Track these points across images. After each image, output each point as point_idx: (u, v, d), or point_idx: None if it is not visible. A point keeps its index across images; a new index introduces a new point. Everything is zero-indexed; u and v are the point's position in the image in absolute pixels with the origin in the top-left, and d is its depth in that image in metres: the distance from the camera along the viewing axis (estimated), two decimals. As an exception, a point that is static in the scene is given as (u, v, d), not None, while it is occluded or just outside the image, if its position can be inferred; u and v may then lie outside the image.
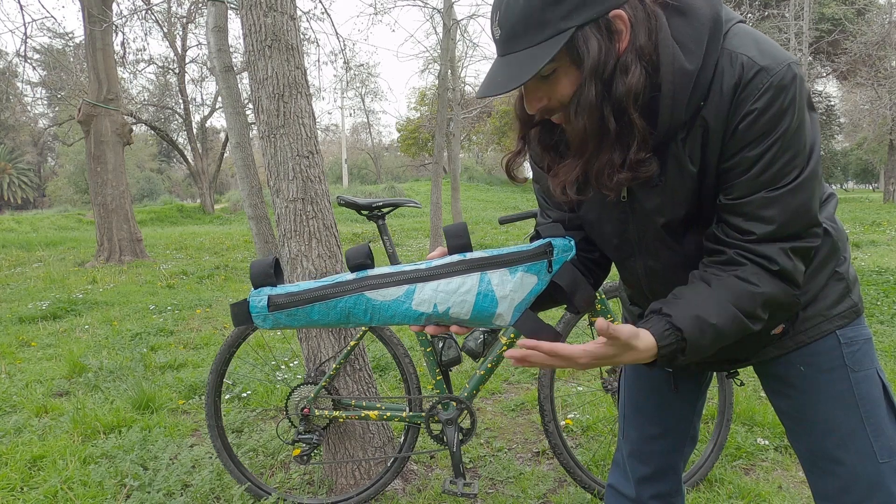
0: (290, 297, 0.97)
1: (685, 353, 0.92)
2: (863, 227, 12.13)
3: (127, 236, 10.32)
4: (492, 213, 20.16)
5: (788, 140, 0.88)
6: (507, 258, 0.96)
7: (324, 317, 0.97)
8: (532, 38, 0.87)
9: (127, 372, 3.86)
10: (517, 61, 0.88)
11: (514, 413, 3.09)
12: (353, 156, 43.83)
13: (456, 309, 0.95)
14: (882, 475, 1.02)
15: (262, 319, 0.99)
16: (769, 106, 0.86)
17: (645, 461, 1.29)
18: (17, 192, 43.39)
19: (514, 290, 0.95)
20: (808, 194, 0.90)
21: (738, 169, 0.90)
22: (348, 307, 0.96)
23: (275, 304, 0.97)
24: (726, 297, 0.92)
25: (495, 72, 0.91)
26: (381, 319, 0.97)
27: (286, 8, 2.24)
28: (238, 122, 4.97)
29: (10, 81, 19.24)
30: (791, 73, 0.86)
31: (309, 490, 2.37)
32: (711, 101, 0.89)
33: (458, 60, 16.82)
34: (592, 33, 0.85)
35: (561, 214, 1.15)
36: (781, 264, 0.91)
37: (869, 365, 1.06)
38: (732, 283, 0.92)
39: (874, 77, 18.79)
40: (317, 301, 0.97)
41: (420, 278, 0.95)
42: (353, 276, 0.97)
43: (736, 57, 0.88)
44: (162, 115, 27.40)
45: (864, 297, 5.07)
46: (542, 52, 0.86)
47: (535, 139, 1.03)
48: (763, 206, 0.90)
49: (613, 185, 0.93)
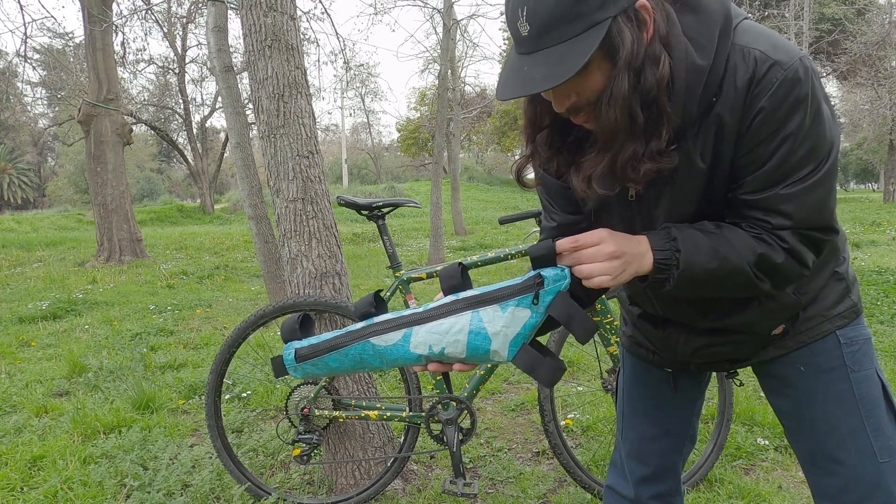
0: (311, 348, 1.10)
1: (679, 267, 0.93)
2: (863, 227, 12.13)
3: (127, 236, 10.32)
4: (492, 213, 20.16)
5: (805, 133, 0.88)
6: (497, 294, 0.96)
7: (341, 364, 1.08)
8: (566, 32, 0.83)
9: (127, 372, 3.86)
10: (552, 58, 0.84)
11: (514, 413, 3.09)
12: (353, 156, 43.83)
13: (451, 349, 0.97)
14: (882, 475, 1.02)
15: (294, 370, 1.13)
16: (784, 100, 0.86)
17: (644, 461, 1.29)
18: (17, 192, 43.38)
19: (505, 325, 0.95)
20: (826, 190, 0.90)
21: (754, 164, 0.90)
22: (359, 353, 1.05)
23: (300, 357, 1.11)
24: (731, 237, 0.93)
25: (525, 69, 0.87)
26: (391, 363, 1.03)
27: (286, 8, 2.24)
28: (238, 122, 4.97)
29: (10, 81, 19.24)
30: (804, 66, 0.87)
31: (309, 490, 2.37)
32: (726, 97, 0.89)
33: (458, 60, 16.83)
34: (625, 24, 0.84)
35: (565, 217, 1.14)
36: (792, 244, 0.92)
37: (869, 365, 1.06)
38: (741, 233, 0.94)
39: (874, 77, 18.78)
40: (331, 350, 1.07)
41: (415, 321, 0.99)
42: (362, 325, 1.05)
43: (749, 52, 0.88)
44: (162, 115, 27.40)
45: (864, 297, 5.07)
46: (581, 46, 0.83)
47: (544, 143, 1.02)
48: (781, 202, 0.90)
49: (640, 177, 0.91)
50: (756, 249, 0.92)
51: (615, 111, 0.86)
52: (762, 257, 0.92)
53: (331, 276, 2.30)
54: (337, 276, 2.32)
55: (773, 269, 0.93)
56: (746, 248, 0.92)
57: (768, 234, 0.92)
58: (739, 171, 0.93)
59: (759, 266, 0.93)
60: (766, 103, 0.87)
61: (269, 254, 5.02)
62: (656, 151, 0.90)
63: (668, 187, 0.97)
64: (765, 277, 0.94)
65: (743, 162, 0.92)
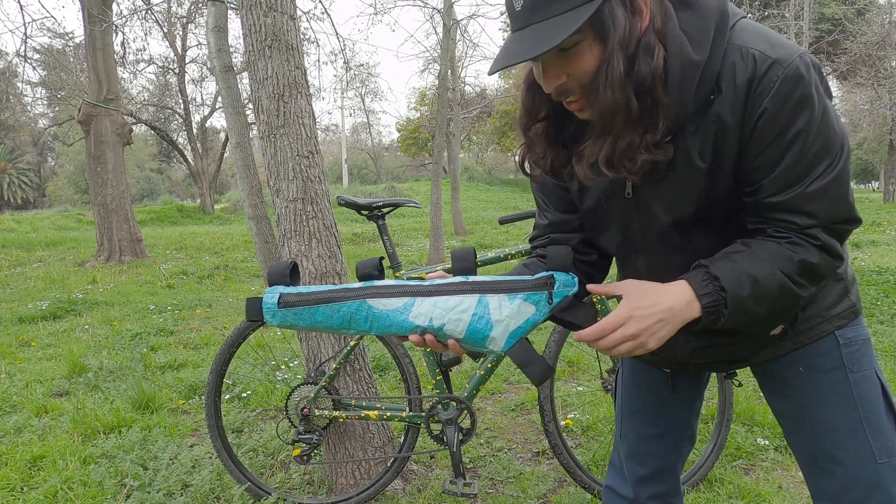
0: (300, 296, 1.02)
1: (728, 307, 0.91)
2: (863, 227, 12.10)
3: (127, 236, 10.32)
4: (492, 213, 20.15)
5: (817, 129, 0.87)
6: (509, 285, 0.97)
7: (327, 319, 1.01)
8: (556, 8, 0.84)
9: (127, 372, 3.86)
10: (539, 32, 0.85)
11: (514, 413, 3.09)
12: (353, 156, 43.82)
13: (450, 326, 0.96)
14: (881, 475, 1.02)
15: (272, 315, 1.03)
16: (787, 98, 0.86)
17: (642, 462, 1.29)
18: (17, 192, 43.37)
19: (510, 316, 0.96)
20: (845, 184, 0.90)
21: (767, 165, 0.90)
22: (351, 312, 1.00)
23: (285, 302, 1.02)
24: (765, 256, 0.92)
25: (512, 44, 0.88)
26: (380, 328, 1.00)
27: (286, 8, 2.24)
28: (238, 122, 4.96)
29: (10, 81, 19.24)
30: (805, 63, 0.86)
31: (309, 490, 2.37)
32: (725, 97, 0.89)
33: (458, 60, 16.83)
34: (618, 6, 0.84)
35: (558, 216, 1.14)
36: (824, 240, 0.91)
37: (867, 365, 1.06)
38: (772, 246, 0.92)
39: (874, 77, 18.77)
40: (322, 303, 1.01)
41: (422, 292, 0.98)
42: (360, 285, 1.01)
43: (747, 51, 0.87)
44: (162, 115, 27.39)
45: (864, 297, 5.07)
46: (567, 21, 0.83)
47: (540, 135, 1.01)
48: (805, 201, 0.90)
49: (637, 168, 0.91)
50: (793, 258, 0.91)
51: (611, 91, 0.86)
52: (801, 264, 0.91)
53: (331, 276, 2.30)
54: (337, 276, 2.32)
55: (812, 271, 0.93)
56: (783, 259, 0.91)
57: (797, 235, 0.92)
58: (755, 175, 0.92)
59: (800, 273, 0.92)
60: (769, 104, 0.86)
61: (269, 254, 5.01)
62: (652, 143, 0.90)
63: (666, 186, 0.96)
64: (806, 282, 0.93)
65: (755, 164, 0.91)
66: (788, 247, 0.91)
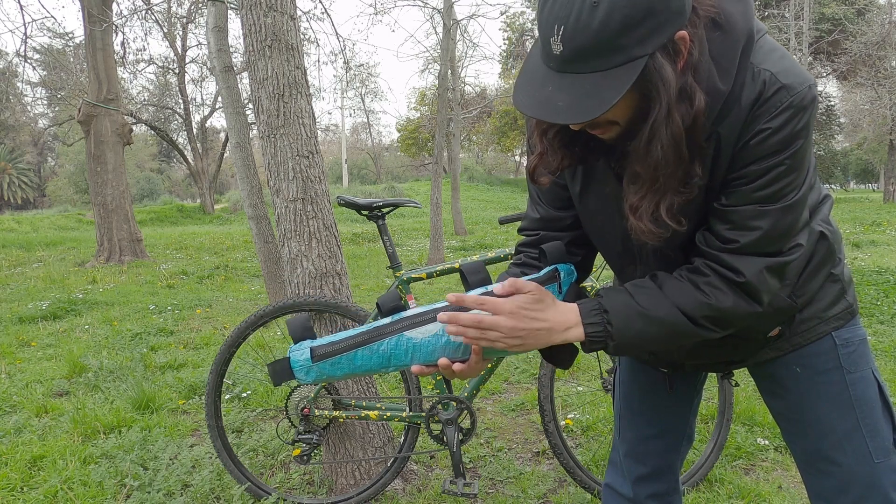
0: (333, 345, 1.00)
1: (613, 339, 0.94)
2: (863, 227, 12.13)
3: (127, 236, 10.32)
4: (492, 213, 20.16)
5: (797, 161, 0.87)
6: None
7: (367, 361, 0.99)
8: (601, 63, 0.79)
9: (127, 372, 3.86)
10: (582, 87, 0.81)
11: (514, 413, 3.09)
12: (353, 156, 43.82)
13: None
14: (878, 475, 1.03)
15: (306, 373, 1.01)
16: (785, 125, 0.85)
17: (641, 461, 1.29)
18: (17, 192, 43.37)
19: None
20: (798, 214, 0.91)
21: (741, 180, 0.90)
22: (390, 349, 0.98)
23: (318, 356, 1.00)
24: (672, 296, 0.93)
25: (551, 91, 0.83)
26: (421, 357, 0.98)
27: (286, 8, 2.24)
28: (238, 122, 4.98)
29: (10, 81, 19.26)
30: (811, 96, 0.86)
31: (309, 490, 2.37)
32: (730, 116, 0.88)
33: (458, 60, 16.82)
34: (664, 58, 0.80)
35: (549, 212, 1.14)
36: (748, 277, 0.90)
37: (864, 366, 1.06)
38: (685, 287, 0.93)
39: (874, 77, 18.78)
40: (359, 346, 0.99)
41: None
42: (390, 320, 0.99)
43: (759, 73, 0.86)
44: (162, 115, 27.39)
45: (864, 297, 5.07)
46: (614, 83, 0.79)
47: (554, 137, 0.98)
48: (753, 217, 0.89)
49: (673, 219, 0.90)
50: (701, 301, 0.92)
51: (660, 147, 0.84)
52: (709, 308, 0.92)
53: (331, 276, 2.30)
54: (337, 276, 2.32)
55: (721, 317, 0.93)
56: (690, 302, 0.92)
57: (717, 275, 0.92)
58: (726, 185, 0.91)
59: (705, 317, 0.93)
60: (768, 125, 0.86)
61: (269, 254, 5.02)
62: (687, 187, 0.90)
63: None
64: (711, 326, 0.94)
65: (732, 177, 0.91)
66: (704, 288, 0.92)
